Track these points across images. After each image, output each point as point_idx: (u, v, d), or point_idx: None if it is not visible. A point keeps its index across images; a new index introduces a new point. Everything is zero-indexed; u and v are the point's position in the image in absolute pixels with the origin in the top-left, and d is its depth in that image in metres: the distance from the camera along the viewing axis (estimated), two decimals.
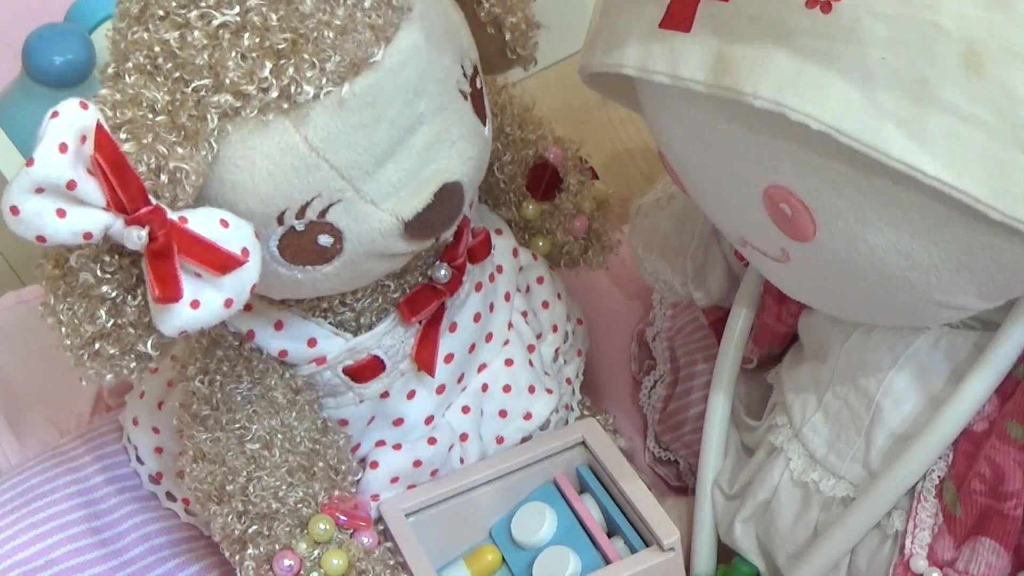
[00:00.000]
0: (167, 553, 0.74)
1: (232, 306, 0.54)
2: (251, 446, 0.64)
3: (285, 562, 0.63)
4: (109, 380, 0.57)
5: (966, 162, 0.46)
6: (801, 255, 0.55)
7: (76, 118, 0.50)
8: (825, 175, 0.50)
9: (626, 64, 0.52)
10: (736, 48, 0.48)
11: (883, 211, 0.50)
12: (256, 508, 0.64)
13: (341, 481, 0.67)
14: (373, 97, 0.55)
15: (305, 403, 0.67)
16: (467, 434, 0.72)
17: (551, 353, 0.77)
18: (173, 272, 0.53)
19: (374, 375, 0.68)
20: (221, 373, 0.66)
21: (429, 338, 0.68)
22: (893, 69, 0.46)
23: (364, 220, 0.58)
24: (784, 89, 0.47)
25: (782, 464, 0.65)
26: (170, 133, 0.52)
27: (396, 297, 0.67)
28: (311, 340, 0.66)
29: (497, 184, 0.75)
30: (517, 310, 0.75)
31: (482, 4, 0.63)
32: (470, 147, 0.60)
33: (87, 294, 0.55)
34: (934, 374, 0.60)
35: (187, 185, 0.53)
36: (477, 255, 0.70)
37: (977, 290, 0.52)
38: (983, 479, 0.57)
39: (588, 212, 0.77)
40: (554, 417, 0.74)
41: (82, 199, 0.51)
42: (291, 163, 0.55)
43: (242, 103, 0.53)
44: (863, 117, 0.46)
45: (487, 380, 0.73)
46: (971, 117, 0.45)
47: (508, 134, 0.74)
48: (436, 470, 0.71)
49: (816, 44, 0.46)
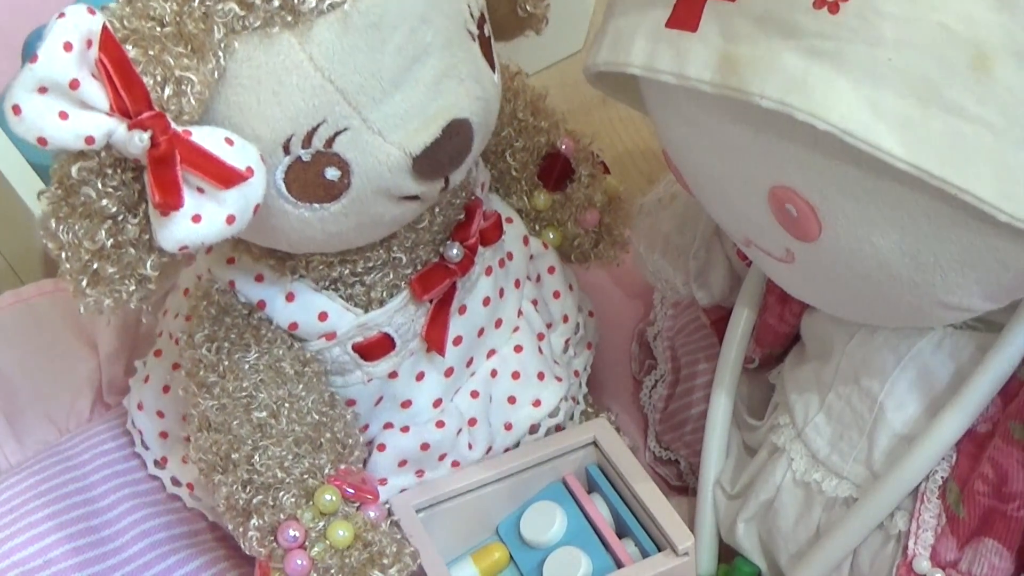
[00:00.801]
0: (166, 549, 0.74)
1: (234, 223, 0.54)
2: (258, 414, 0.64)
3: (290, 532, 0.62)
4: (108, 306, 0.56)
5: (972, 163, 0.46)
6: (806, 255, 0.55)
7: (83, 21, 0.50)
8: (831, 176, 0.50)
9: (632, 63, 0.52)
10: (742, 48, 0.48)
11: (889, 212, 0.50)
12: (262, 478, 0.63)
13: (348, 455, 0.67)
14: (378, 17, 0.55)
15: (313, 375, 0.67)
16: (475, 419, 0.72)
17: (561, 343, 0.77)
18: (175, 179, 0.52)
19: (384, 353, 0.68)
20: (229, 341, 0.65)
21: (440, 317, 0.68)
22: (900, 70, 0.46)
23: (371, 152, 0.57)
24: (790, 90, 0.47)
25: (784, 464, 0.65)
26: (177, 44, 0.52)
27: (408, 273, 0.67)
28: (322, 314, 0.66)
29: (509, 171, 0.75)
30: (527, 298, 0.75)
31: None
32: (478, 87, 0.60)
33: (88, 211, 0.54)
34: (937, 375, 0.60)
35: (192, 97, 0.52)
36: (489, 238, 0.71)
37: (982, 291, 0.52)
38: (986, 480, 0.58)
39: (599, 205, 0.77)
40: (563, 405, 0.74)
41: (85, 101, 0.51)
42: (296, 82, 0.54)
43: (246, 12, 0.53)
44: (869, 118, 0.46)
45: (496, 366, 0.73)
46: (978, 118, 0.45)
47: (521, 119, 0.75)
48: (444, 455, 0.71)
49: (823, 44, 0.46)
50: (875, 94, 0.46)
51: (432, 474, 0.71)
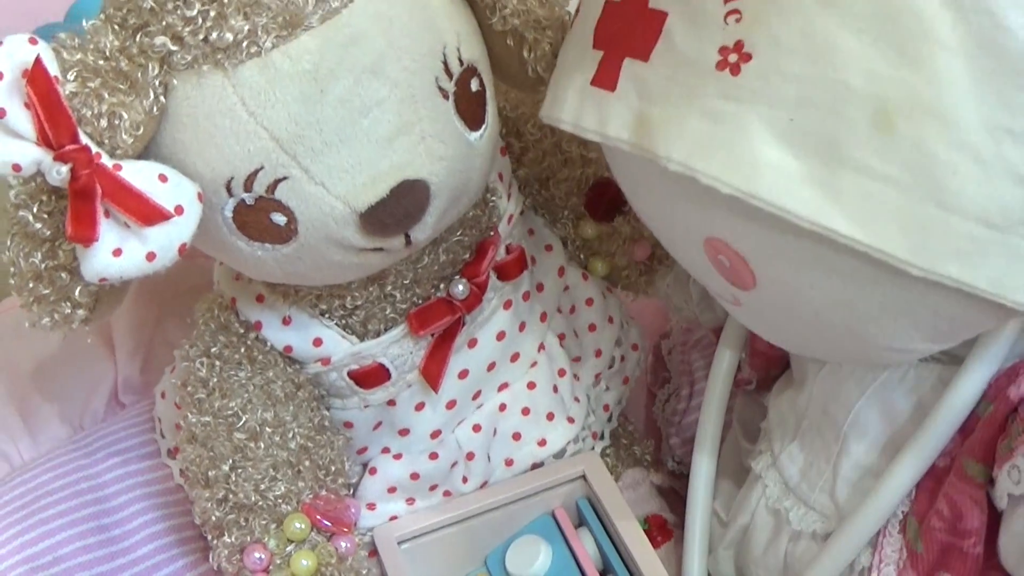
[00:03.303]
0: (176, 552, 0.75)
1: (155, 260, 0.54)
2: (239, 435, 0.65)
3: (255, 555, 0.64)
4: (45, 324, 0.57)
5: (881, 221, 0.45)
6: (749, 301, 0.55)
7: (18, 50, 0.51)
8: (753, 234, 0.49)
9: (563, 119, 0.53)
10: (655, 109, 0.48)
11: (813, 267, 0.49)
12: (236, 498, 0.64)
13: (330, 482, 0.67)
14: (313, 65, 0.54)
15: (304, 399, 0.67)
16: (474, 453, 0.71)
17: (591, 378, 0.75)
18: (91, 214, 0.52)
19: (379, 383, 0.68)
20: (222, 359, 0.66)
21: (439, 353, 0.67)
22: (803, 131, 0.45)
23: (314, 203, 0.56)
24: (693, 153, 0.46)
25: (759, 490, 0.65)
26: (116, 79, 0.53)
27: (405, 308, 0.66)
28: (317, 339, 0.66)
29: (552, 200, 0.74)
30: (554, 331, 0.73)
31: (496, 11, 0.60)
32: (442, 147, 0.57)
33: (25, 233, 0.55)
34: (899, 407, 0.59)
35: (123, 132, 0.53)
36: (509, 273, 0.69)
37: (922, 336, 0.51)
38: (942, 517, 0.56)
39: (651, 239, 0.74)
40: (571, 448, 0.73)
41: (14, 130, 0.52)
42: (229, 126, 0.54)
43: (178, 47, 0.53)
44: (774, 179, 0.45)
45: (507, 400, 0.72)
46: (883, 176, 0.45)
47: (565, 150, 0.73)
48: (436, 485, 0.70)
49: (725, 107, 0.46)
50: (778, 156, 0.45)
51: (423, 503, 0.71)
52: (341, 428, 0.69)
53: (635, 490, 0.74)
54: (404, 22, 0.56)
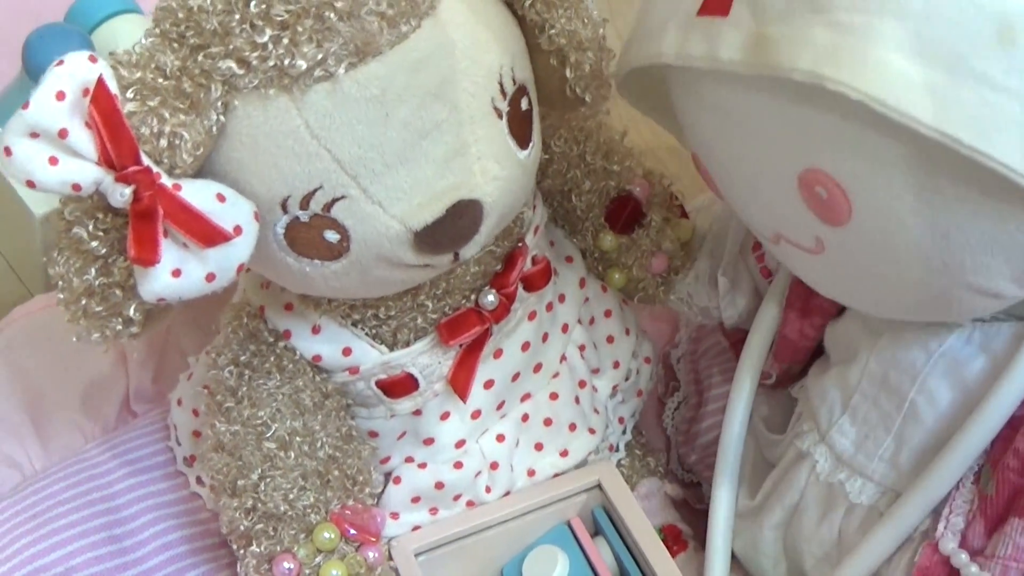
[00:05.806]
0: (187, 563, 0.74)
1: (214, 281, 0.54)
2: (268, 445, 0.65)
3: (285, 565, 0.64)
4: (96, 339, 0.57)
5: (1001, 132, 0.46)
6: (836, 243, 0.55)
7: (80, 70, 0.51)
8: (862, 151, 0.50)
9: (664, 52, 0.53)
10: (773, 28, 0.49)
11: (919, 192, 0.50)
12: (264, 507, 0.64)
13: (357, 492, 0.67)
14: (380, 90, 0.54)
15: (332, 409, 0.67)
16: (498, 463, 0.71)
17: (609, 389, 0.76)
18: (153, 235, 0.53)
19: (407, 392, 0.68)
20: (251, 368, 0.66)
21: (467, 362, 0.68)
22: (929, 41, 0.46)
23: (370, 222, 0.57)
24: (821, 61, 0.47)
25: (808, 467, 0.66)
26: (176, 98, 0.53)
27: (435, 318, 0.66)
28: (346, 349, 0.66)
29: (574, 211, 0.74)
30: (575, 343, 0.74)
31: (545, 31, 0.61)
32: (497, 167, 0.58)
33: (79, 249, 0.55)
34: (969, 368, 0.60)
35: (183, 152, 0.53)
36: (535, 284, 0.70)
37: (1011, 273, 0.52)
38: (1018, 455, 0.57)
39: (669, 252, 0.75)
40: (592, 458, 0.73)
41: (75, 150, 0.52)
42: (292, 146, 0.54)
43: (244, 71, 0.53)
44: (899, 87, 0.46)
45: (529, 410, 0.72)
46: (1005, 88, 0.46)
47: (589, 163, 0.73)
48: (459, 495, 0.70)
49: (852, 18, 0.47)
50: (904, 64, 0.46)
51: (446, 512, 0.71)
52: (367, 438, 0.70)
53: (650, 500, 0.75)
54: (467, 45, 0.56)
